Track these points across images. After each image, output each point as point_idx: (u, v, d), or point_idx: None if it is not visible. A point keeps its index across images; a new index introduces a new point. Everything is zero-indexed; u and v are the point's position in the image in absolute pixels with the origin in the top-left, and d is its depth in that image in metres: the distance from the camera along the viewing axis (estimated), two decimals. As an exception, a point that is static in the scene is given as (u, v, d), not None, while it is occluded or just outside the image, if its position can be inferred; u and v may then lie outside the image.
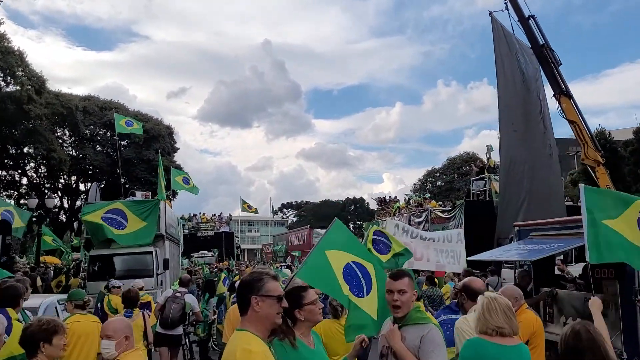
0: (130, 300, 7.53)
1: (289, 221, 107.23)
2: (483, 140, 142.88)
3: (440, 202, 27.84)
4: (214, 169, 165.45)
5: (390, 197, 35.84)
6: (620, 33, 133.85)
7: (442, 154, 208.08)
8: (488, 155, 21.93)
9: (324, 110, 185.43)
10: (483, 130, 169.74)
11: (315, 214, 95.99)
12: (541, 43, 15.58)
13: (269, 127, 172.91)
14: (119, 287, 10.06)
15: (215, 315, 9.99)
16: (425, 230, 24.61)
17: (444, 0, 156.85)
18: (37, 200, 22.09)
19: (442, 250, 11.92)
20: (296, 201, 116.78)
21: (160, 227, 16.08)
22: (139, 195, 19.59)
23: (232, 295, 9.01)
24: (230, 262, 31.64)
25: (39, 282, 16.59)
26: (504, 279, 12.54)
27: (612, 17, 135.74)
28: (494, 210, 19.59)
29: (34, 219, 21.97)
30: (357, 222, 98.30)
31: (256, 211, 51.24)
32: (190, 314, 9.08)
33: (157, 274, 15.28)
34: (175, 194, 46.84)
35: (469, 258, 10.57)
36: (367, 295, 3.87)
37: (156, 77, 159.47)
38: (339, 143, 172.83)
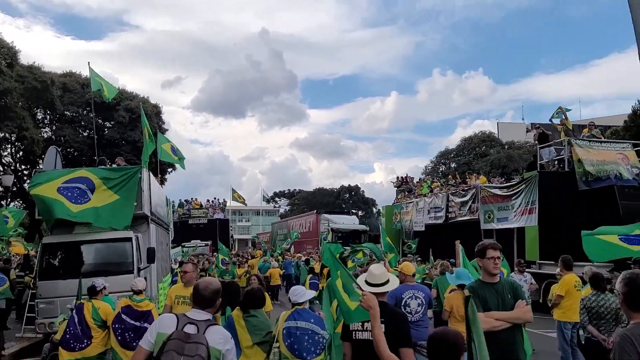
0: None
1: (281, 210, 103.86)
2: (476, 130, 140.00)
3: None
4: (206, 159, 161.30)
5: (410, 176, 31.63)
6: (609, 24, 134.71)
7: (435, 144, 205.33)
8: (563, 117, 17.60)
9: (318, 100, 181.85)
10: (477, 120, 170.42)
11: (309, 202, 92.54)
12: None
13: (262, 117, 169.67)
14: (104, 288, 7.67)
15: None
16: (474, 211, 20.58)
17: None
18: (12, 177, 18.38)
19: None
20: (289, 190, 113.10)
21: (142, 205, 11.71)
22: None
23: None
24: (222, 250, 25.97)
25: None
26: None
27: (602, 8, 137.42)
28: (576, 183, 15.56)
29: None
30: (353, 210, 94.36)
31: (244, 202, 48.39)
32: None
33: (139, 269, 11.04)
34: (164, 174, 42.52)
35: None
36: None
37: (148, 67, 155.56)
38: (333, 133, 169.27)
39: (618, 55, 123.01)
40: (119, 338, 6.91)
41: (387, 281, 4.33)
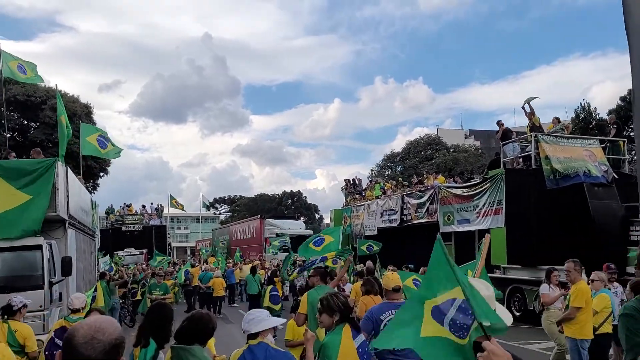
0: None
1: (222, 217, 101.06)
2: (416, 137, 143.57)
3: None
4: (143, 165, 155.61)
5: (359, 179, 30.46)
6: (539, 38, 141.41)
7: (376, 151, 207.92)
8: (528, 109, 16.60)
9: (261, 106, 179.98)
10: (416, 127, 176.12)
11: (250, 209, 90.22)
12: None
13: (204, 122, 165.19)
14: (25, 306, 6.54)
15: None
16: (432, 213, 19.46)
17: (377, 2, 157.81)
18: None
19: None
20: (229, 196, 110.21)
21: (57, 206, 9.74)
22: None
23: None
24: (160, 258, 24.52)
25: None
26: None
27: (532, 23, 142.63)
28: (544, 181, 14.62)
29: None
30: (299, 216, 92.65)
31: (183, 208, 46.58)
32: None
33: (52, 283, 9.09)
34: (95, 178, 39.60)
35: None
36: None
37: (83, 70, 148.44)
38: (275, 139, 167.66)
39: (547, 67, 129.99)
40: None
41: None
